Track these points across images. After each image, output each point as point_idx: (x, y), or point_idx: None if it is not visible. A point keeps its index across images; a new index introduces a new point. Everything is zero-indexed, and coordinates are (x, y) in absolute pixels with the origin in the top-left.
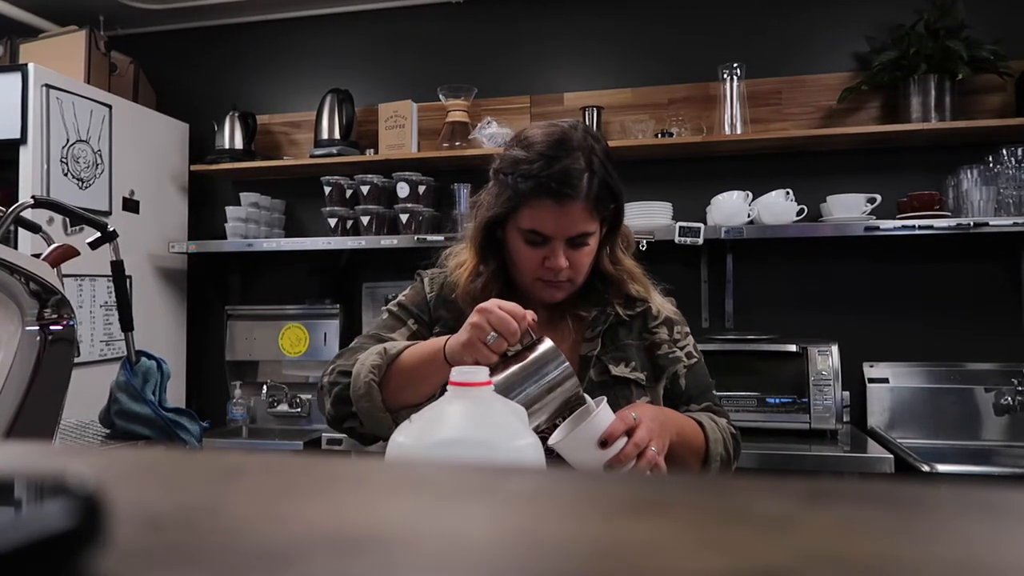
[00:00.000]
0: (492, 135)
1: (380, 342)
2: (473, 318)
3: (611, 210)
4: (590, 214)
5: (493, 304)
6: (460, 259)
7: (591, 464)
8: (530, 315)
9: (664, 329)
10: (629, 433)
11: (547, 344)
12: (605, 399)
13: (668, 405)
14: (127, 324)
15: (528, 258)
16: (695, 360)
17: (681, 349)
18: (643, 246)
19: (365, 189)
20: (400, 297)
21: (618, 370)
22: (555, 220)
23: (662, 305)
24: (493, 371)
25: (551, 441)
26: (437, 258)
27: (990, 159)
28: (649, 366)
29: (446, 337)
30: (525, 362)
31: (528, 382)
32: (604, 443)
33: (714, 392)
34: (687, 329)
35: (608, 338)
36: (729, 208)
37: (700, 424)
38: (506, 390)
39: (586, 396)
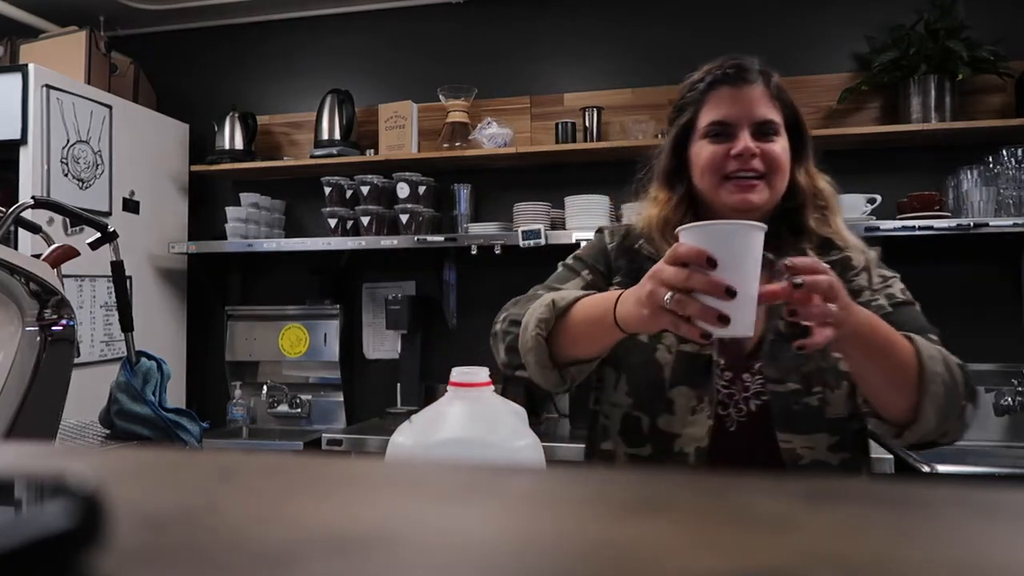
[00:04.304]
0: (492, 135)
1: None
2: (646, 285)
3: (793, 119)
4: (771, 101)
5: (659, 265)
6: (648, 200)
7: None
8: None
9: (864, 276)
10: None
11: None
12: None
13: None
14: (127, 324)
15: (714, 155)
16: (901, 300)
17: (882, 294)
18: None
19: (365, 189)
20: (577, 251)
21: None
22: (736, 104)
23: (864, 252)
24: None
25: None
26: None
27: (990, 159)
28: None
29: (617, 294)
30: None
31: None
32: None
33: (933, 336)
34: (890, 273)
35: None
36: None
37: (909, 338)
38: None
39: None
